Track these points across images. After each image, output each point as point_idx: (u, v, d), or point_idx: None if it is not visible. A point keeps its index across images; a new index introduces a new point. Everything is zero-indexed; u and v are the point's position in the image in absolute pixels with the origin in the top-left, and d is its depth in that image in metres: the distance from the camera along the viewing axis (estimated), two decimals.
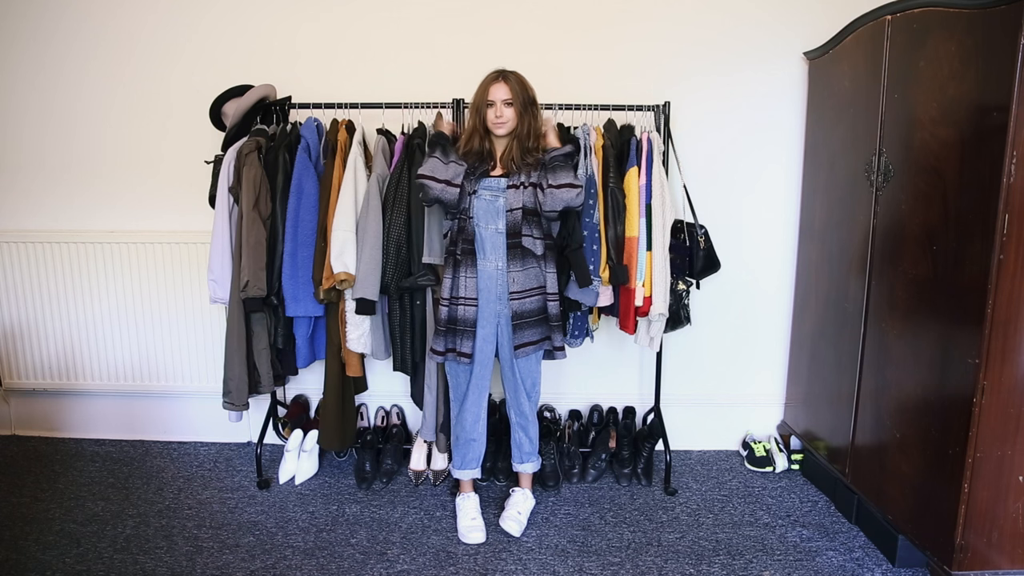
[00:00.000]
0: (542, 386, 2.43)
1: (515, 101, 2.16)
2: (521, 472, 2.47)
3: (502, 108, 2.15)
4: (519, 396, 2.36)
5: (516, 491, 2.46)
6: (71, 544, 2.27)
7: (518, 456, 2.45)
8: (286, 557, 2.22)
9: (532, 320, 2.25)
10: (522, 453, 2.44)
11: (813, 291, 2.71)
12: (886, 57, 2.15)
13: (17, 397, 3.05)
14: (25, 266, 2.90)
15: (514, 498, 2.43)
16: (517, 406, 2.38)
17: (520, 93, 2.17)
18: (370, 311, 2.37)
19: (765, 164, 2.84)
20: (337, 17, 2.78)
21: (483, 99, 2.17)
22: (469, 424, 2.36)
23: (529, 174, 2.20)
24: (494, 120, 2.16)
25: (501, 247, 2.21)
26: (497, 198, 2.20)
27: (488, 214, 2.20)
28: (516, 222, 2.19)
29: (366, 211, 2.37)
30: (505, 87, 2.16)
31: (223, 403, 2.50)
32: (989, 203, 1.77)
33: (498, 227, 2.20)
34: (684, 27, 2.76)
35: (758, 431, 3.01)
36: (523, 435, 2.42)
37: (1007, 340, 1.81)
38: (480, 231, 2.21)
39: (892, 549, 2.19)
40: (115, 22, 2.78)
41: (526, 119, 2.18)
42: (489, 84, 2.17)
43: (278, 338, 2.54)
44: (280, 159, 2.43)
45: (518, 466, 2.46)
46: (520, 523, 2.36)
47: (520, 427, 2.41)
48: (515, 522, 2.35)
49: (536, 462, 2.47)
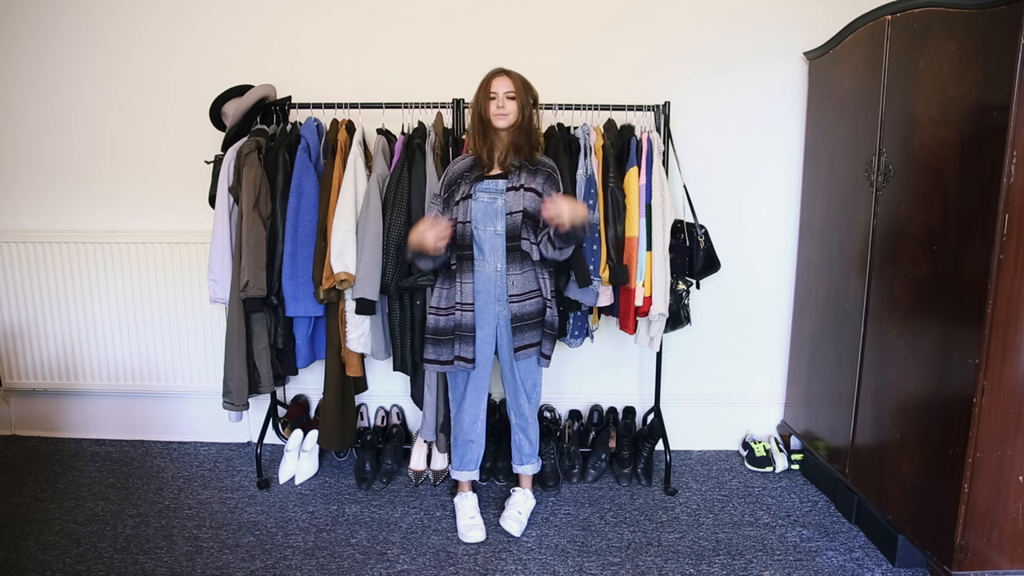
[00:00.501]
0: (544, 386, 2.43)
1: (518, 95, 2.16)
2: (521, 474, 2.47)
3: (504, 100, 2.15)
4: (519, 398, 2.36)
5: (516, 491, 2.46)
6: (71, 544, 2.27)
7: (518, 458, 2.45)
8: (286, 557, 2.22)
9: (532, 322, 2.25)
10: (522, 455, 2.44)
11: (813, 291, 2.71)
12: (886, 57, 2.15)
13: (17, 397, 3.05)
14: (25, 266, 2.90)
15: (514, 498, 2.44)
16: (517, 408, 2.38)
17: (522, 89, 2.17)
18: (370, 311, 2.37)
19: (765, 164, 2.84)
20: (337, 17, 2.78)
21: (485, 93, 2.17)
22: (467, 425, 2.36)
23: (525, 177, 2.19)
24: (496, 112, 2.15)
25: (500, 249, 2.20)
26: (495, 200, 2.19)
27: (487, 216, 2.19)
28: (516, 225, 2.18)
29: (366, 211, 2.37)
30: (508, 80, 2.16)
31: (223, 403, 2.50)
32: (989, 203, 1.77)
33: (496, 229, 2.19)
34: (684, 27, 2.76)
35: (758, 431, 3.01)
36: (523, 436, 2.42)
37: (1007, 340, 1.81)
38: (479, 233, 2.20)
39: (892, 549, 2.19)
40: (115, 22, 2.79)
41: (527, 114, 2.18)
42: (492, 78, 2.17)
43: (278, 338, 2.54)
44: (280, 159, 2.43)
45: (518, 467, 2.46)
46: (520, 523, 2.36)
47: (520, 428, 2.41)
48: (515, 522, 2.35)
49: (536, 464, 2.47)
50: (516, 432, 2.42)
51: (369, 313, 2.38)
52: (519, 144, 2.19)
